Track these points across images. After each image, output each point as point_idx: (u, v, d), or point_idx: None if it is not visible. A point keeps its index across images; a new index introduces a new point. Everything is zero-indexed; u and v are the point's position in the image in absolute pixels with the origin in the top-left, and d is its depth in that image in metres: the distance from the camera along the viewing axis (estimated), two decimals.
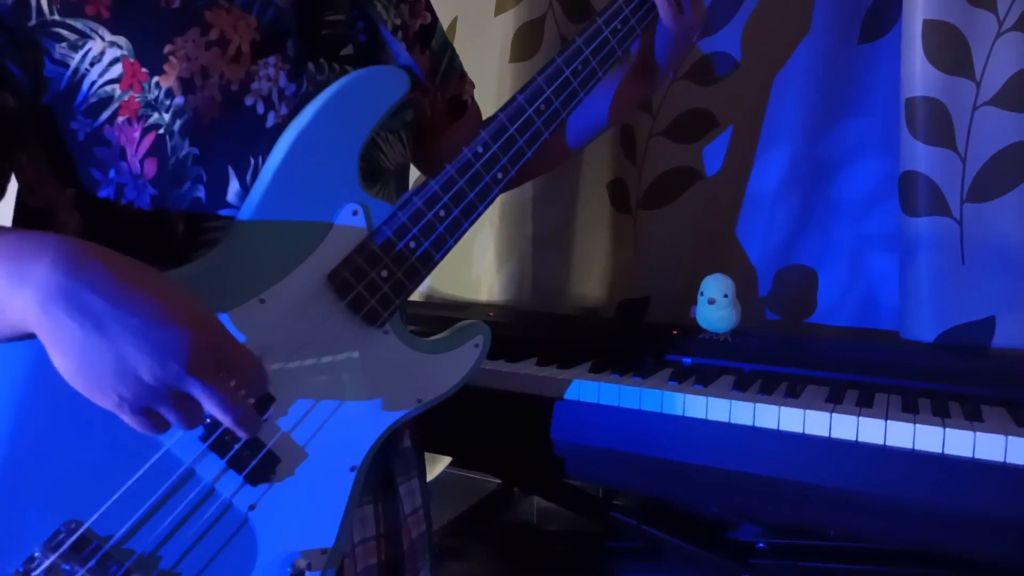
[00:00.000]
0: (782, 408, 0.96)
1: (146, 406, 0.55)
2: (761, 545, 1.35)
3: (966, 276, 1.18)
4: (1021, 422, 0.91)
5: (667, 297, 1.50)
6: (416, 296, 1.77)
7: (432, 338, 0.77)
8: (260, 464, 0.66)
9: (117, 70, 0.66)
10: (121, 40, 0.66)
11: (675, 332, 1.26)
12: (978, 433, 0.88)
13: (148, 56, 0.66)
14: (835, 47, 1.34)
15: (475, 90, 1.05)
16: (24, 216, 0.72)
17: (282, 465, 0.67)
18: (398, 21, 0.85)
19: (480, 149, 0.75)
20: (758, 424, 0.97)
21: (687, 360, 1.19)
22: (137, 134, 0.67)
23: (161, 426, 0.57)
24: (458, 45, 1.69)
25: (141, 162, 0.67)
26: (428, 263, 0.73)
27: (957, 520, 0.89)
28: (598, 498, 1.62)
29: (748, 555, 1.32)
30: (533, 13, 1.55)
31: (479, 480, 1.94)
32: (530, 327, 1.39)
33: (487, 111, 1.59)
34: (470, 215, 0.75)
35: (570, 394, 1.07)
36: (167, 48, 0.66)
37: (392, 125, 0.74)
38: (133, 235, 0.68)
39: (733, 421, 0.98)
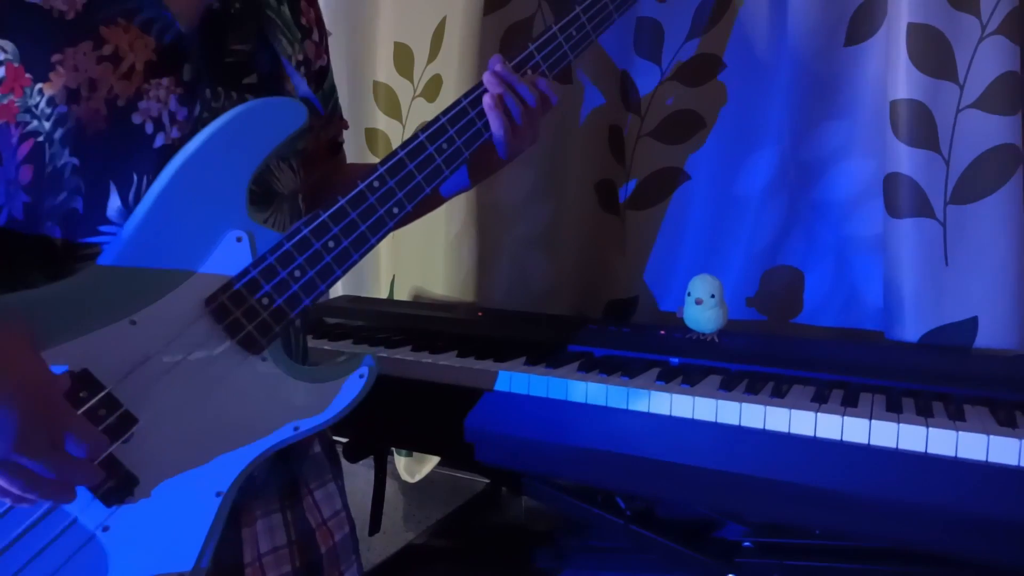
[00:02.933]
0: (768, 408, 0.97)
1: None
2: (747, 544, 1.35)
3: (949, 277, 1.19)
4: (1003, 422, 0.92)
5: (654, 297, 1.51)
6: (405, 296, 1.77)
7: (315, 366, 0.76)
8: (116, 485, 0.65)
9: (0, 73, 0.66)
10: (7, 44, 0.66)
11: (662, 332, 1.27)
12: (961, 432, 0.89)
13: (34, 62, 0.66)
14: (821, 49, 1.35)
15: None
16: None
17: (140, 487, 0.66)
18: (300, 57, 0.86)
19: (376, 183, 0.76)
20: (744, 424, 0.98)
21: (674, 360, 1.19)
22: (15, 140, 0.67)
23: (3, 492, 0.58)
24: (447, 44, 1.70)
25: (18, 168, 0.67)
26: (311, 291, 0.73)
27: (940, 518, 0.90)
28: (586, 497, 1.63)
29: (734, 554, 1.33)
30: (522, 13, 1.55)
31: (467, 480, 1.94)
32: (518, 327, 1.40)
33: None
34: (361, 247, 0.75)
35: (558, 394, 1.07)
36: (55, 57, 0.66)
37: (281, 152, 0.75)
38: (5, 241, 0.68)
39: (720, 421, 0.99)
